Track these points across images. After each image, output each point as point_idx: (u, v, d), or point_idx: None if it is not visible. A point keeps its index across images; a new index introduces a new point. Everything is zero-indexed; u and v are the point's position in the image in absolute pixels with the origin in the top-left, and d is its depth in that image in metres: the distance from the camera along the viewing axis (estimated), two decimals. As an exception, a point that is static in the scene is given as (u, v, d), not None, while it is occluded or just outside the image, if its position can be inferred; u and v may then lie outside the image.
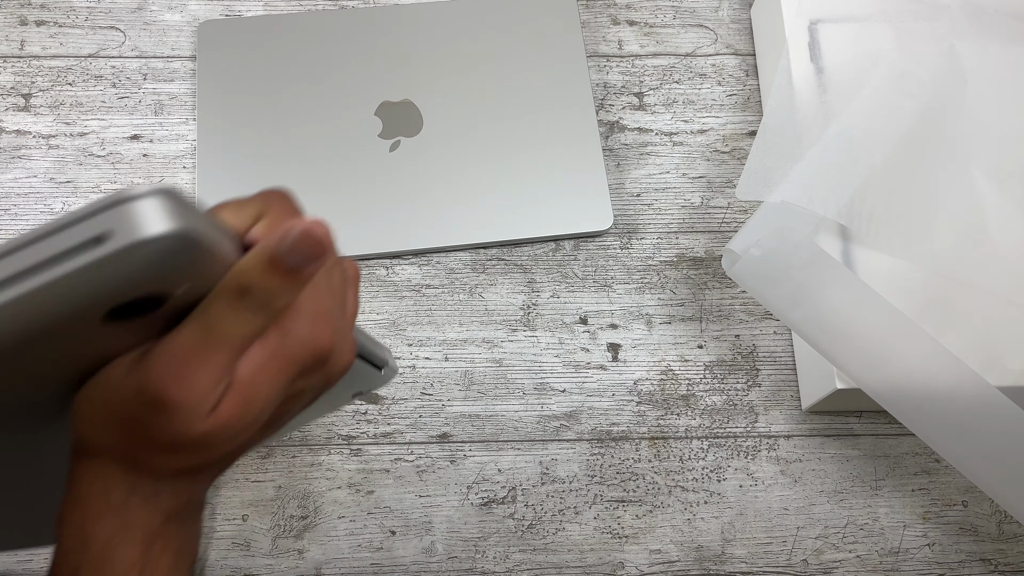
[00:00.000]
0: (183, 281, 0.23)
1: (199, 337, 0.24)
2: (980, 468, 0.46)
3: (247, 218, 0.26)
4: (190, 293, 0.24)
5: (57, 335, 0.23)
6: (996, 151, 0.53)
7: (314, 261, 0.24)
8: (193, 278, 0.23)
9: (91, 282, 0.21)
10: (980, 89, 0.54)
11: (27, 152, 0.62)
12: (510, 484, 0.55)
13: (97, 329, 0.23)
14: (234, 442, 0.27)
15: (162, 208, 0.20)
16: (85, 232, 0.20)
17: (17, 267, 0.20)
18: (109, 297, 0.22)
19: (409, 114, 0.62)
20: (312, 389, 0.29)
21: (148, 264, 0.21)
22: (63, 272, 0.20)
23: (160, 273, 0.22)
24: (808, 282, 0.48)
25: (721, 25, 0.67)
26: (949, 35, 0.56)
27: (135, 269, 0.21)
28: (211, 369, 0.24)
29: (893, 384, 0.47)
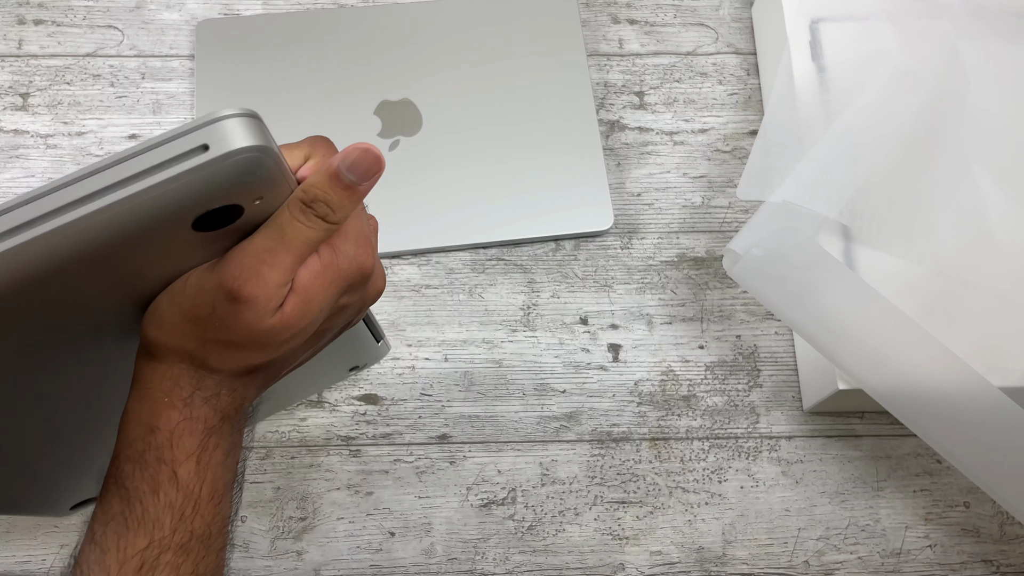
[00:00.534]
0: (258, 194, 0.27)
1: (272, 242, 0.29)
2: (982, 469, 0.45)
3: (298, 157, 0.30)
4: (260, 210, 0.28)
5: (154, 238, 0.26)
6: (998, 150, 0.53)
7: (369, 178, 0.29)
8: (265, 192, 0.27)
9: (193, 185, 0.24)
10: (982, 88, 0.54)
11: (25, 151, 0.61)
12: (510, 485, 0.55)
13: (185, 236, 0.27)
14: (289, 345, 0.31)
15: (251, 126, 0.25)
16: (191, 142, 0.24)
17: (134, 169, 0.24)
18: (203, 201, 0.26)
19: (408, 113, 0.62)
20: (352, 307, 0.34)
21: (237, 171, 0.25)
22: (175, 172, 0.24)
23: (244, 181, 0.26)
24: (810, 282, 0.47)
25: (722, 24, 0.67)
26: (951, 34, 0.55)
27: (227, 175, 0.25)
28: (280, 271, 0.29)
29: (895, 385, 0.46)
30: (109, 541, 0.30)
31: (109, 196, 0.24)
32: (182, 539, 0.31)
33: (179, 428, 0.31)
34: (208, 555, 0.32)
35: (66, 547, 0.52)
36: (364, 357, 0.53)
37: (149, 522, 0.30)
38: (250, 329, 0.30)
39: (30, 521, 0.53)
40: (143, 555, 0.30)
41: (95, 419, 0.39)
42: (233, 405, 0.33)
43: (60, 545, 0.52)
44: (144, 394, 0.31)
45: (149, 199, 0.24)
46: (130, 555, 0.30)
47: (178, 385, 0.31)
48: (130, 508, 0.30)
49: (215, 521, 0.32)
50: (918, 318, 0.47)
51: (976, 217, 0.52)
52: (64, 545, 0.52)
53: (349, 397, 0.56)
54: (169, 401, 0.31)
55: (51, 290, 0.27)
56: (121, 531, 0.30)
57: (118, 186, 0.24)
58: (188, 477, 0.31)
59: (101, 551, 0.30)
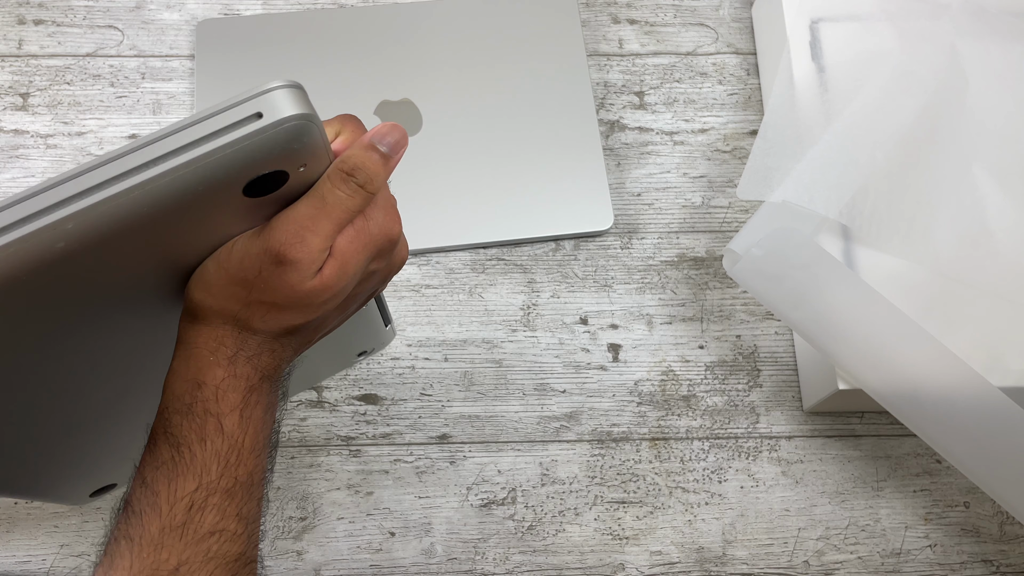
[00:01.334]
0: (302, 160, 0.29)
1: (314, 209, 0.31)
2: (982, 469, 0.45)
3: (329, 133, 0.33)
4: (303, 177, 0.30)
5: (208, 203, 0.28)
6: (998, 150, 0.53)
7: (398, 151, 0.33)
8: (308, 159, 0.29)
9: (248, 150, 0.26)
10: (981, 88, 0.54)
11: (25, 151, 0.61)
12: (510, 485, 0.55)
13: (235, 201, 0.29)
14: (325, 307, 0.34)
15: (299, 96, 0.27)
16: (246, 110, 0.26)
17: (196, 135, 0.26)
18: (256, 166, 0.27)
19: (408, 113, 0.62)
20: (380, 274, 0.37)
21: (287, 137, 0.27)
22: (234, 137, 0.26)
23: (292, 147, 0.28)
24: (809, 282, 0.47)
25: (722, 24, 0.67)
26: (950, 34, 0.55)
27: (278, 141, 0.27)
28: (321, 236, 0.32)
29: (895, 384, 0.46)
30: (160, 484, 0.32)
31: (175, 159, 0.26)
32: (227, 484, 0.33)
33: (224, 384, 0.33)
34: (250, 501, 0.34)
35: (66, 547, 0.52)
36: (372, 342, 0.54)
37: (197, 467, 0.33)
38: (293, 291, 0.32)
39: (31, 521, 0.53)
40: (192, 496, 0.32)
41: (118, 405, 0.40)
42: (272, 365, 0.35)
43: (60, 545, 0.52)
44: (190, 354, 0.34)
45: (210, 162, 0.26)
46: (180, 496, 0.32)
47: (223, 345, 0.34)
48: (179, 454, 0.33)
49: (256, 471, 0.35)
50: (917, 318, 0.47)
51: (975, 217, 0.52)
52: (64, 545, 0.52)
53: (349, 397, 0.56)
54: (215, 359, 0.33)
55: (104, 257, 0.28)
56: (171, 475, 0.32)
57: (183, 150, 0.26)
58: (232, 428, 0.33)
59: (152, 493, 0.32)
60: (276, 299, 0.33)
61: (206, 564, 0.32)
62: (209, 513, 0.33)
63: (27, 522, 0.53)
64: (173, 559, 0.32)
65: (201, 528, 0.32)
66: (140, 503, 0.33)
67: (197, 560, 0.32)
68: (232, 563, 0.33)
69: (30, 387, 0.34)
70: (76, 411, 0.39)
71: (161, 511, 0.32)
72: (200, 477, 0.33)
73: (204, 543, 0.32)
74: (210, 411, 0.33)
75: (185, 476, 0.32)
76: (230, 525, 0.33)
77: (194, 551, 0.32)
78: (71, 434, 0.41)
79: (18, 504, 0.53)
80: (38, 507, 0.53)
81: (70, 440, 0.41)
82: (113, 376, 0.38)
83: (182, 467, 0.33)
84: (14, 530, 0.52)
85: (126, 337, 0.35)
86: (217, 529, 0.33)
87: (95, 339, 0.34)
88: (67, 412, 0.39)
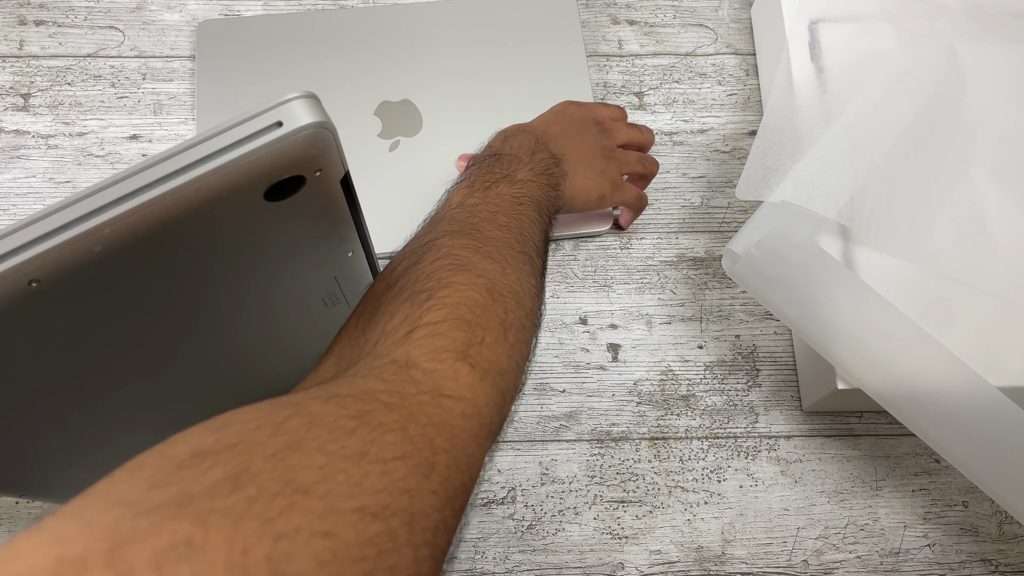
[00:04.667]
0: (319, 165, 0.30)
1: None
2: (981, 468, 0.45)
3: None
4: (318, 181, 0.31)
5: (232, 207, 0.29)
6: (997, 150, 0.53)
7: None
8: (324, 164, 0.30)
9: (269, 157, 0.28)
10: (980, 88, 0.54)
11: (26, 152, 0.61)
12: (510, 484, 0.55)
13: (256, 205, 0.30)
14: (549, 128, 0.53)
15: (315, 106, 0.29)
16: (267, 120, 0.28)
17: (222, 144, 0.28)
18: (276, 172, 0.29)
19: (409, 114, 0.62)
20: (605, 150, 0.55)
21: (305, 144, 0.29)
22: (257, 145, 0.28)
23: (309, 153, 0.29)
24: (808, 282, 0.48)
25: (721, 24, 0.67)
26: (949, 34, 0.56)
27: (297, 148, 0.29)
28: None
29: (893, 384, 0.46)
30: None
31: (204, 166, 0.27)
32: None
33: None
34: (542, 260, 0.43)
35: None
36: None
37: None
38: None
39: (31, 521, 0.53)
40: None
41: (131, 408, 0.40)
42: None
43: (61, 544, 0.52)
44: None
45: (236, 169, 0.28)
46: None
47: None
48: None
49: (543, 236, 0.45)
50: (916, 318, 0.47)
51: (974, 217, 0.52)
52: (65, 544, 0.52)
53: (349, 397, 0.56)
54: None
55: (138, 260, 0.29)
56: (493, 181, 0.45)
57: (211, 158, 0.27)
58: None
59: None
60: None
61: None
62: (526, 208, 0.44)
63: (28, 522, 0.53)
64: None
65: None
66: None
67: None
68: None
69: (49, 388, 0.35)
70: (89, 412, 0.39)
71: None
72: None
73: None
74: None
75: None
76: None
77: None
78: (83, 435, 0.41)
79: (19, 503, 0.53)
80: (39, 507, 0.53)
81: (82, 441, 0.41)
82: (129, 379, 0.38)
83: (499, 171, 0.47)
84: (15, 529, 0.53)
85: (148, 341, 0.36)
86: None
87: (118, 343, 0.35)
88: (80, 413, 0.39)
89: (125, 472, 0.22)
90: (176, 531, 0.20)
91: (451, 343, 0.32)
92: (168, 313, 0.35)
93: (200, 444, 0.23)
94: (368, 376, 0.30)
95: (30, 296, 0.28)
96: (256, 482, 0.22)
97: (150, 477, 0.21)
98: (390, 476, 0.25)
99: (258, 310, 0.39)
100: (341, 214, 0.34)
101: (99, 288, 0.30)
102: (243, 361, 0.42)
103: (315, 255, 0.37)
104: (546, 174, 0.49)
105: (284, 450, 0.23)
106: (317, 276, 0.39)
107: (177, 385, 0.40)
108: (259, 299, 0.38)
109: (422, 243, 0.38)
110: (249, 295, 0.37)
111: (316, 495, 0.22)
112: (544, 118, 0.55)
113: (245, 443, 0.23)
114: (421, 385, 0.30)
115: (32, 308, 0.29)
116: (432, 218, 0.43)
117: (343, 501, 0.23)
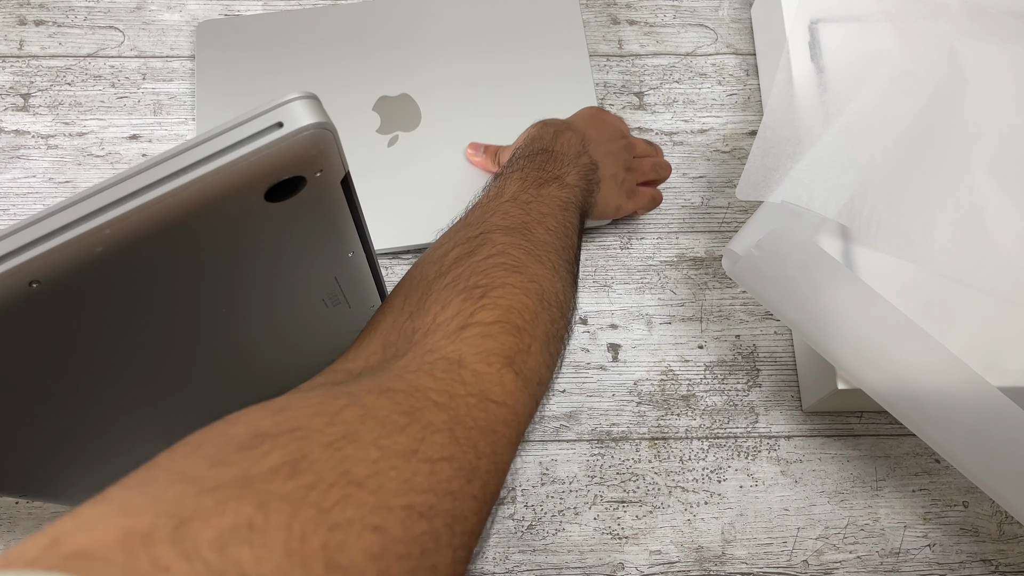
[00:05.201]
0: (319, 166, 0.30)
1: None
2: (981, 468, 0.45)
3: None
4: (319, 182, 0.31)
5: (233, 207, 0.29)
6: (996, 150, 0.53)
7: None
8: (325, 164, 0.30)
9: (270, 157, 0.28)
10: (980, 88, 0.54)
11: (26, 152, 0.61)
12: (510, 485, 0.55)
13: (257, 206, 0.30)
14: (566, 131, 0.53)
15: (315, 107, 0.29)
16: (268, 120, 0.28)
17: (223, 144, 0.28)
18: (276, 172, 0.29)
19: (407, 109, 0.62)
20: (614, 153, 0.55)
21: (305, 144, 0.29)
22: (258, 146, 0.28)
23: (310, 154, 0.29)
24: (808, 282, 0.48)
25: (721, 24, 0.67)
26: (949, 34, 0.56)
27: (297, 149, 0.29)
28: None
29: (893, 384, 0.46)
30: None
31: (205, 167, 0.27)
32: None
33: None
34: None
35: (67, 546, 0.52)
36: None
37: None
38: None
39: (31, 521, 0.53)
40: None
41: (135, 409, 0.40)
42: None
43: (61, 544, 0.52)
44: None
45: (237, 169, 0.28)
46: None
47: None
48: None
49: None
50: (916, 318, 0.47)
51: (974, 217, 0.52)
52: (65, 544, 0.52)
53: (349, 397, 0.56)
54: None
55: (139, 261, 0.29)
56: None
57: (213, 158, 0.28)
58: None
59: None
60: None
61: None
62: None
63: (28, 521, 0.53)
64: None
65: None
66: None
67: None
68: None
69: (49, 389, 0.35)
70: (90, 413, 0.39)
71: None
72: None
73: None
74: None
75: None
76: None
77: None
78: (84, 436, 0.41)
79: (19, 504, 0.53)
80: (39, 507, 0.53)
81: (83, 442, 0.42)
82: (129, 380, 0.38)
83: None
84: (15, 529, 0.53)
85: (148, 342, 0.36)
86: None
87: (119, 344, 0.35)
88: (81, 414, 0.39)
89: (187, 447, 0.22)
90: (238, 512, 0.20)
91: (501, 347, 0.31)
92: (168, 314, 0.35)
93: (260, 426, 0.23)
94: (419, 371, 0.30)
95: (31, 297, 0.28)
96: (313, 470, 0.22)
97: (212, 455, 0.22)
98: (436, 476, 0.25)
99: (258, 310, 0.39)
100: (341, 215, 0.34)
101: (100, 289, 0.30)
102: (244, 361, 0.42)
103: (315, 256, 0.37)
104: (586, 180, 0.49)
105: (340, 440, 0.23)
106: (317, 276, 0.39)
107: (178, 386, 0.40)
108: (259, 300, 0.38)
109: (476, 232, 0.38)
110: (249, 296, 0.37)
111: (369, 489, 0.23)
112: (583, 120, 0.55)
113: (303, 429, 0.23)
114: (470, 387, 0.30)
115: (33, 309, 0.29)
116: (481, 203, 0.42)
117: (394, 497, 0.23)
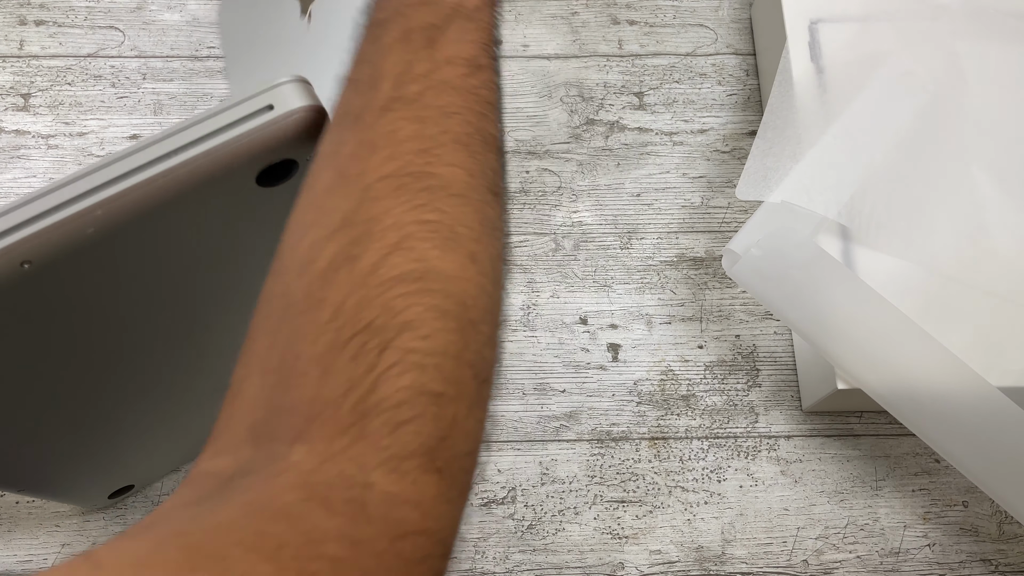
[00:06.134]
0: (311, 151, 0.29)
1: None
2: (981, 468, 0.45)
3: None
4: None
5: (223, 191, 0.29)
6: (997, 151, 0.53)
7: None
8: (316, 150, 0.30)
9: (261, 140, 0.28)
10: (981, 89, 0.54)
11: (26, 152, 0.61)
12: (510, 484, 0.55)
13: (248, 190, 0.30)
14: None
15: (305, 90, 0.29)
16: (258, 103, 0.28)
17: (214, 127, 0.28)
18: (267, 155, 0.29)
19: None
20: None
21: (296, 128, 0.29)
22: (248, 128, 0.28)
23: (300, 137, 0.29)
24: (808, 282, 0.48)
25: (721, 24, 0.67)
26: (950, 35, 0.56)
27: (288, 131, 0.29)
28: None
29: (893, 384, 0.46)
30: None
31: (195, 148, 0.28)
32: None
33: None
34: None
35: (68, 546, 0.52)
36: None
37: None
38: None
39: (32, 520, 0.53)
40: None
41: (141, 404, 0.40)
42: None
43: (62, 544, 0.52)
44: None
45: (227, 152, 0.28)
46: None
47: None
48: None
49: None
50: (916, 318, 0.47)
51: (974, 217, 0.52)
52: (66, 544, 0.52)
53: (349, 397, 0.56)
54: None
55: (131, 245, 0.30)
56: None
57: (202, 140, 0.28)
58: None
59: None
60: None
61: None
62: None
63: (28, 521, 0.53)
64: None
65: None
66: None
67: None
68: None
69: (42, 375, 0.35)
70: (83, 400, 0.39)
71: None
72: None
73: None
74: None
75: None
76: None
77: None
78: (78, 424, 0.41)
79: (20, 503, 0.53)
80: (39, 506, 0.53)
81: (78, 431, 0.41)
82: (123, 367, 0.38)
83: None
84: (15, 529, 0.53)
85: (141, 327, 0.36)
86: None
87: (111, 328, 0.35)
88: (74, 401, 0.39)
89: None
90: None
91: (417, 441, 0.21)
92: (161, 298, 0.35)
93: None
94: (311, 500, 0.20)
95: (22, 278, 0.28)
96: None
97: None
98: None
99: (252, 298, 0.39)
100: None
101: (92, 270, 0.30)
102: (236, 348, 0.42)
103: None
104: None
105: None
106: None
107: (172, 374, 0.40)
108: (253, 286, 0.38)
109: (353, 202, 0.24)
110: (243, 282, 0.37)
111: None
112: None
113: None
114: (377, 524, 0.20)
115: (24, 290, 0.29)
116: (350, 110, 0.26)
117: None
